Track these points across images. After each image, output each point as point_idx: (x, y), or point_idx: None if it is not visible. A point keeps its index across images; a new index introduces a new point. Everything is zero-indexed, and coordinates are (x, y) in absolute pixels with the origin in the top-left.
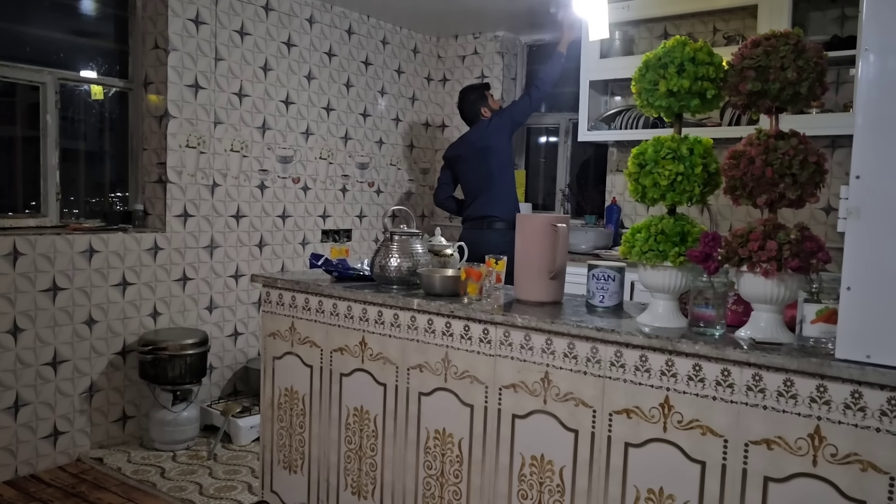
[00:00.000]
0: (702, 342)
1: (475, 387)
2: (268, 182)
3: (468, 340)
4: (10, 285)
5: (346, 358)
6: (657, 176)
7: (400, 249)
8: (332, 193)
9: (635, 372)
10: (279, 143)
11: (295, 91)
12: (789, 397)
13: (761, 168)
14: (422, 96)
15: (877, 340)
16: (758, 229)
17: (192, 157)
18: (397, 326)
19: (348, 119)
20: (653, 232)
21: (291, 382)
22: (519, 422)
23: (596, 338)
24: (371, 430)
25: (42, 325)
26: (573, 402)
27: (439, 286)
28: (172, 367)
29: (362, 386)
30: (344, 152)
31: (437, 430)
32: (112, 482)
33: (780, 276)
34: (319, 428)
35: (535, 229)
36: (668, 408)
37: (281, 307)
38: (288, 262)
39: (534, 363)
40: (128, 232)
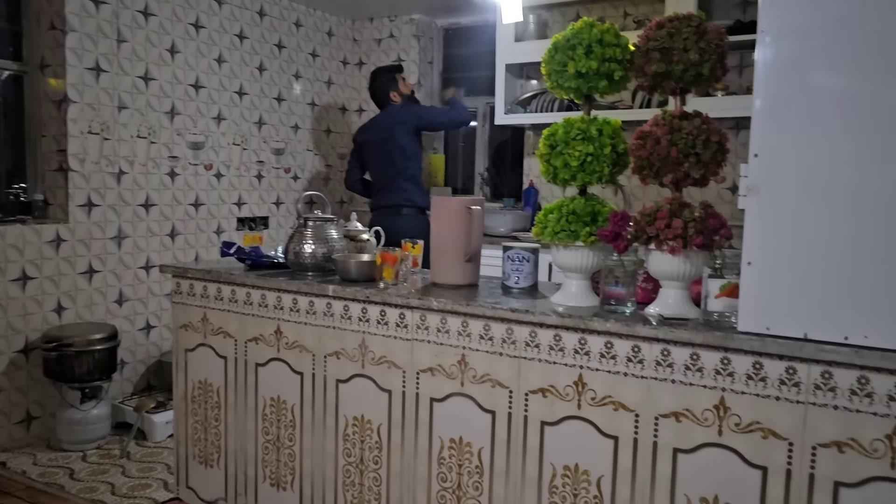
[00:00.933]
0: (613, 320)
1: (393, 372)
2: (178, 169)
3: (385, 325)
4: None
5: (262, 347)
6: (567, 157)
7: (314, 235)
8: (246, 180)
9: (549, 351)
10: (189, 129)
11: (205, 74)
12: (696, 370)
13: (666, 148)
14: (338, 80)
15: (775, 312)
16: (664, 208)
17: (95, 144)
18: (313, 314)
19: (262, 104)
20: (564, 212)
21: (205, 375)
22: (437, 405)
23: (510, 319)
24: (289, 420)
25: None
26: (490, 383)
27: (355, 272)
28: (79, 364)
29: (279, 375)
30: (258, 138)
31: (356, 417)
32: (16, 486)
33: (686, 254)
34: (235, 420)
35: (449, 212)
36: (581, 385)
37: (192, 297)
38: (202, 252)
39: (450, 346)
40: (26, 223)
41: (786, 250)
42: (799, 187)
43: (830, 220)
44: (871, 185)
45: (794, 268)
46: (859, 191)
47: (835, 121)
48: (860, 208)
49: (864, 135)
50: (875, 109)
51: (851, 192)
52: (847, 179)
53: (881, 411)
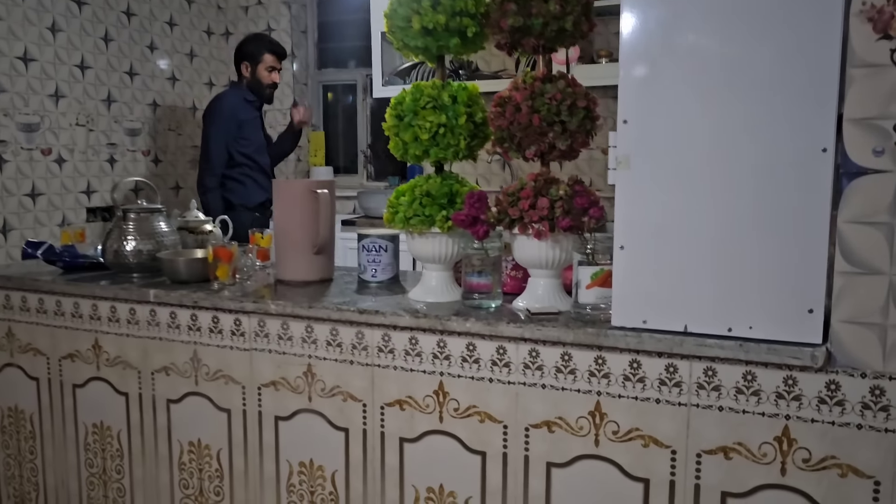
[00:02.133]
0: (473, 318)
1: (231, 388)
2: (7, 155)
3: (219, 334)
4: None
5: (79, 365)
6: (418, 129)
7: (138, 230)
8: (96, 165)
9: (406, 357)
10: (19, 109)
11: (35, 46)
12: (568, 373)
13: (528, 115)
14: (201, 52)
15: (653, 303)
16: (528, 185)
17: None
18: (135, 324)
19: (110, 79)
20: (417, 194)
21: (15, 400)
22: (283, 424)
23: (359, 322)
24: (115, 450)
25: None
26: (341, 396)
27: (185, 271)
28: None
29: (100, 397)
30: (108, 117)
31: (192, 443)
32: None
33: (555, 238)
34: (54, 452)
35: (293, 197)
36: (443, 395)
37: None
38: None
39: (294, 355)
40: None
41: (662, 231)
42: (673, 159)
43: (708, 195)
44: (750, 156)
45: (670, 251)
46: (738, 163)
47: (706, 85)
48: (739, 182)
49: (736, 101)
50: (746, 73)
51: (730, 164)
52: (724, 151)
53: (769, 411)
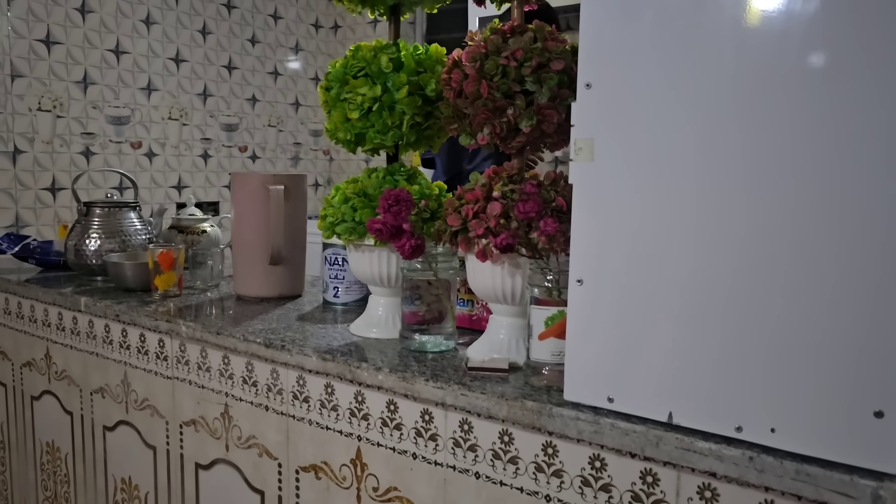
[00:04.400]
0: (387, 369)
1: (156, 422)
2: (95, 147)
3: (145, 356)
4: None
5: (35, 375)
6: (347, 106)
7: (103, 227)
8: (188, 160)
9: (321, 410)
10: (109, 101)
11: (128, 38)
12: (508, 462)
13: (475, 83)
14: (308, 46)
15: (623, 373)
16: (479, 184)
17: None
18: (77, 334)
19: (207, 73)
20: (350, 194)
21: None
22: (203, 474)
23: (268, 357)
24: (63, 475)
25: None
26: (257, 450)
27: (131, 278)
28: None
29: (52, 413)
30: (203, 112)
31: (124, 479)
32: None
33: (513, 261)
34: (17, 466)
35: (247, 194)
36: (361, 467)
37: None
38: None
39: (212, 391)
40: None
41: (643, 260)
42: (665, 144)
43: (719, 205)
44: (797, 149)
45: (655, 292)
46: (770, 153)
47: (717, 28)
48: (772, 182)
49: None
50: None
51: (757, 157)
52: (749, 139)
53: None
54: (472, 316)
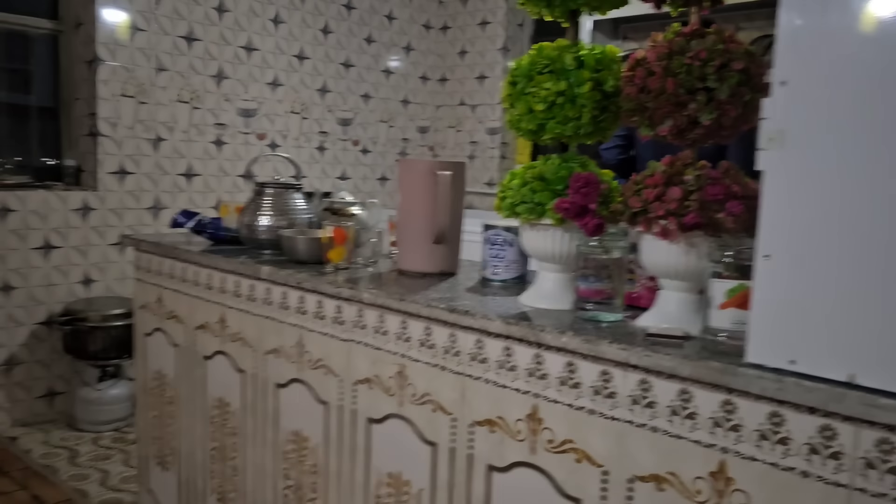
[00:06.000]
0: (571, 332)
1: (329, 380)
2: (226, 137)
3: (321, 321)
4: None
5: (208, 337)
6: (531, 99)
7: (273, 206)
8: (307, 152)
9: (499, 370)
10: (239, 95)
11: (258, 36)
12: (685, 417)
13: (661, 80)
14: (419, 46)
15: (806, 337)
16: (659, 171)
17: (129, 108)
18: (253, 300)
19: (326, 69)
20: (528, 178)
21: (160, 365)
22: (375, 427)
23: (450, 321)
24: (232, 427)
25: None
26: (431, 406)
27: (303, 251)
28: (94, 341)
29: (223, 372)
30: (322, 106)
31: (294, 432)
32: (16, 465)
33: (689, 239)
34: (186, 420)
35: (414, 179)
36: (536, 422)
37: (149, 275)
38: None
39: (388, 353)
40: (51, 189)
41: (828, 235)
42: (854, 133)
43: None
44: None
45: (839, 265)
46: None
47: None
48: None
49: None
50: None
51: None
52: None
53: None
54: (632, 293)
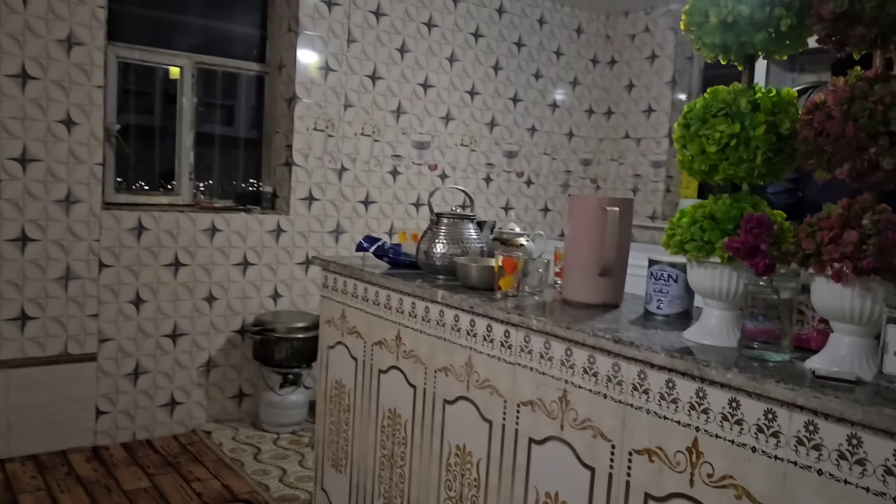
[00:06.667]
0: (736, 369)
1: (494, 400)
2: (401, 168)
3: (490, 343)
4: (134, 258)
5: (384, 353)
6: (704, 141)
7: (448, 234)
8: (473, 182)
9: (660, 401)
10: (415, 128)
11: (434, 74)
12: (854, 463)
13: (840, 124)
14: (584, 80)
15: None
16: (835, 213)
17: (319, 141)
18: (427, 321)
19: (495, 104)
20: (698, 217)
21: (340, 375)
22: (535, 448)
23: (614, 352)
24: (402, 437)
25: (163, 298)
26: (591, 431)
27: (475, 278)
28: (279, 350)
29: (396, 385)
30: (489, 139)
31: (458, 446)
32: (210, 456)
33: (865, 283)
34: (360, 428)
35: (583, 214)
36: (696, 455)
37: (335, 293)
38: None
39: (552, 377)
40: (251, 213)
41: None
42: None
43: None
44: None
45: None
46: None
47: None
48: None
49: None
50: None
51: None
52: None
53: None
54: (800, 335)
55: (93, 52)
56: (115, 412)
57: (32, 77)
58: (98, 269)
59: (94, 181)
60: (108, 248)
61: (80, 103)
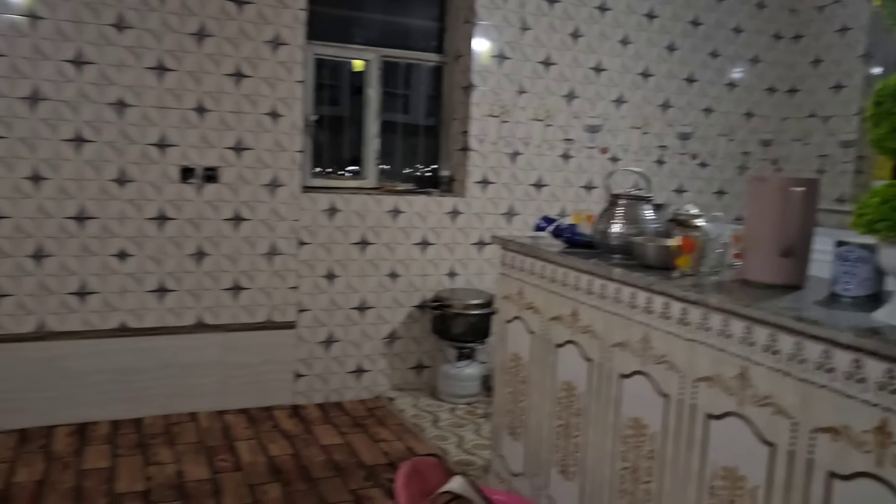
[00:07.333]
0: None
1: (671, 375)
2: (572, 151)
3: (667, 320)
4: (327, 237)
5: (561, 327)
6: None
7: (625, 215)
8: (644, 165)
9: (846, 381)
10: (586, 112)
11: (607, 57)
12: None
13: None
14: (766, 57)
15: None
16: None
17: (493, 126)
18: (604, 298)
19: (669, 85)
20: (890, 196)
21: (517, 348)
22: (713, 423)
23: (797, 330)
24: (577, 409)
25: (352, 273)
26: (771, 408)
27: (652, 256)
28: (456, 325)
29: (572, 359)
30: (662, 121)
31: (633, 419)
32: (393, 421)
33: None
34: (536, 398)
35: (764, 194)
36: (883, 436)
37: (513, 270)
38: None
39: (730, 354)
40: (430, 195)
41: None
42: None
43: None
44: None
45: None
46: None
47: None
48: None
49: None
50: None
51: None
52: None
53: None
54: None
55: (294, 51)
56: (311, 376)
57: (245, 75)
58: (298, 247)
59: (294, 167)
60: (306, 228)
61: (284, 97)
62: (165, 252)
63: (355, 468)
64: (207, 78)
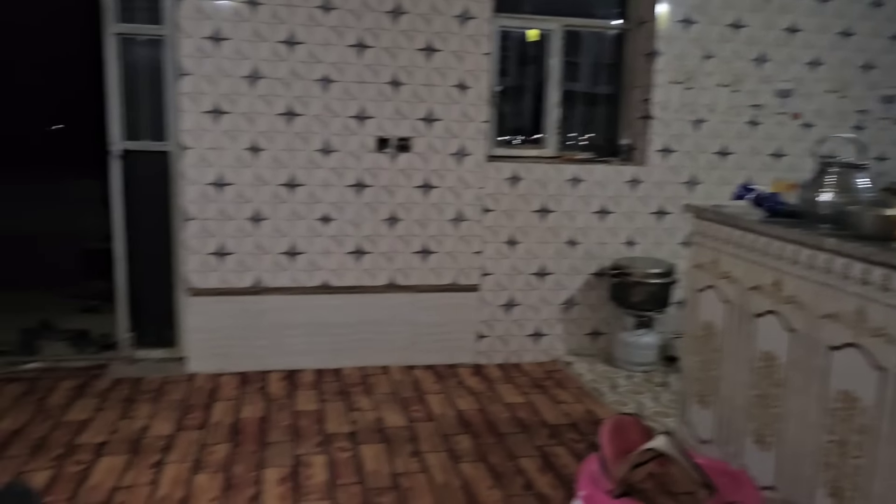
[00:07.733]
0: None
1: (890, 349)
2: (761, 118)
3: (886, 292)
4: (510, 204)
5: (760, 298)
6: None
7: (836, 183)
8: (841, 131)
9: None
10: (778, 76)
11: (802, 17)
12: None
13: None
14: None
15: None
16: None
17: (676, 94)
18: (812, 268)
19: (870, 45)
20: None
21: (710, 317)
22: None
23: None
24: (776, 379)
25: (533, 240)
26: None
27: (869, 226)
28: (635, 293)
29: (772, 329)
30: (863, 84)
31: (843, 392)
32: (571, 384)
33: None
34: (730, 368)
35: None
36: None
37: (707, 239)
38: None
39: None
40: (610, 164)
41: None
42: None
43: None
44: None
45: None
46: None
47: None
48: None
49: None
50: None
51: None
52: None
53: None
54: None
55: (482, 24)
56: (493, 337)
57: (436, 49)
58: (482, 213)
59: (480, 137)
60: (490, 195)
61: (472, 69)
62: (362, 217)
63: (539, 426)
64: (401, 53)
